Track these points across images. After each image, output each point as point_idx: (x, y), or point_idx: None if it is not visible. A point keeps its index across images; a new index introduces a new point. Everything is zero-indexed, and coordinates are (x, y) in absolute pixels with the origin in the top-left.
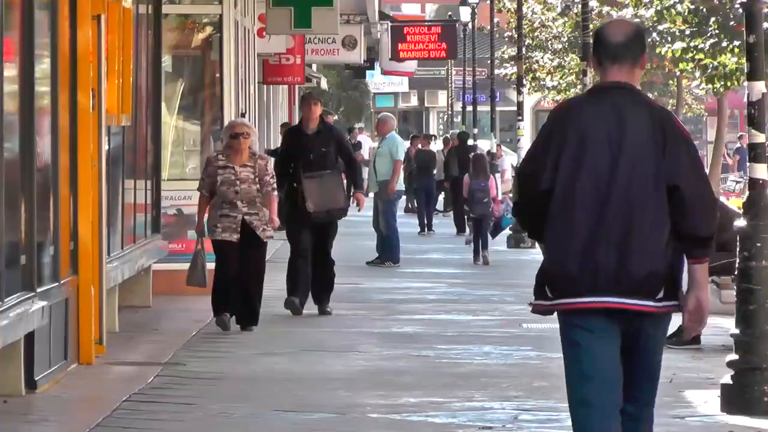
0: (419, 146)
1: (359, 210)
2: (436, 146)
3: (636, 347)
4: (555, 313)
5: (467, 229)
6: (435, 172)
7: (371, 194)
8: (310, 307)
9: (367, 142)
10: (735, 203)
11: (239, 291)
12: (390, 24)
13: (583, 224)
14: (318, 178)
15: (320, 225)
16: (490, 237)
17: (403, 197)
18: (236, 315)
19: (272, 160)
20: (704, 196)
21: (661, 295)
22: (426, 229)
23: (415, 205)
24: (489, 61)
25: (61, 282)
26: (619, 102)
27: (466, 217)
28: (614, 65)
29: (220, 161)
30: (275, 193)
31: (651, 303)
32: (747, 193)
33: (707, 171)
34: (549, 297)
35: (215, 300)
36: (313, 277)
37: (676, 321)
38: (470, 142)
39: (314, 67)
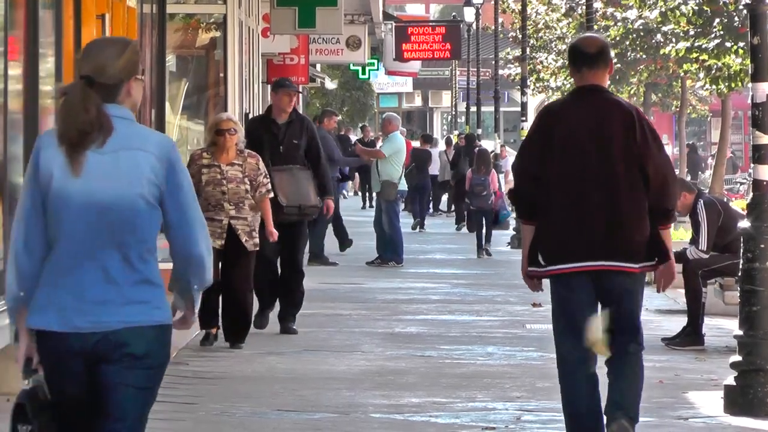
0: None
1: (327, 217)
2: (438, 147)
3: (619, 302)
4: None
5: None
6: (438, 172)
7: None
8: (312, 307)
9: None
10: (739, 204)
11: (226, 303)
12: (394, 24)
13: (572, 203)
14: (288, 171)
15: (289, 226)
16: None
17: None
18: (224, 330)
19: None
20: (669, 175)
21: (641, 257)
22: (419, 227)
23: (412, 203)
24: (493, 62)
25: None
26: (596, 100)
27: (466, 211)
28: (590, 71)
29: (204, 159)
30: (270, 195)
31: (634, 265)
32: (751, 194)
33: (712, 171)
34: (542, 264)
35: (201, 313)
36: (279, 291)
37: (678, 323)
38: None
39: (318, 67)
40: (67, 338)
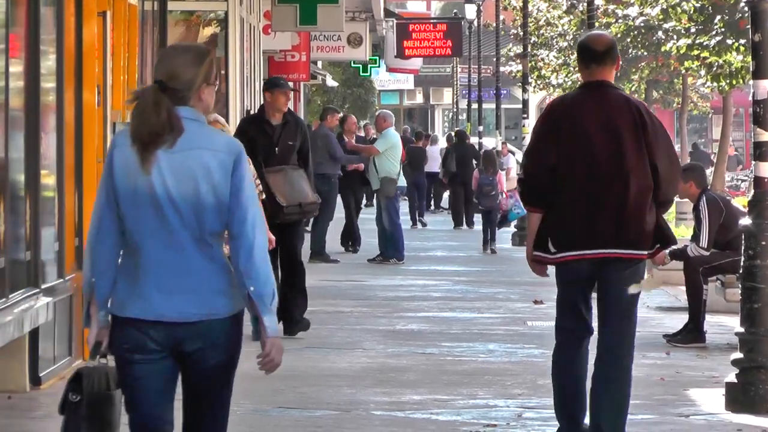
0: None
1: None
2: (439, 144)
3: (613, 288)
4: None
5: (466, 223)
6: (439, 169)
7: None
8: (313, 304)
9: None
10: (740, 202)
11: None
12: (395, 21)
13: (582, 194)
14: (281, 171)
15: (287, 226)
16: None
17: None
18: None
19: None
20: (674, 170)
21: (649, 245)
22: (419, 224)
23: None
24: (494, 59)
25: (66, 278)
26: (604, 95)
27: (465, 209)
28: (599, 67)
29: None
30: (262, 196)
31: (642, 252)
32: (752, 191)
33: (714, 168)
34: (551, 251)
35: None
36: (283, 293)
37: (679, 321)
38: (475, 139)
39: (319, 64)
40: (150, 326)
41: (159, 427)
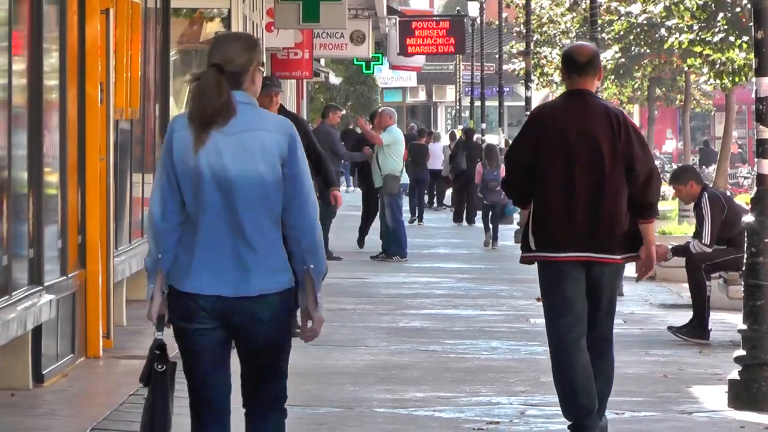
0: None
1: (336, 208)
2: (442, 141)
3: (599, 289)
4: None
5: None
6: (442, 167)
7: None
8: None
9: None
10: (743, 199)
11: None
12: (398, 19)
13: (561, 197)
14: None
15: None
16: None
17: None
18: None
19: None
20: (652, 172)
21: (622, 249)
22: (417, 220)
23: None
24: (497, 56)
25: (69, 276)
26: (584, 103)
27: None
28: (581, 77)
29: None
30: None
31: (617, 256)
32: (755, 189)
33: (717, 166)
34: (533, 249)
35: None
36: None
37: (682, 318)
38: (477, 137)
39: (322, 61)
40: (203, 299)
41: (214, 393)
